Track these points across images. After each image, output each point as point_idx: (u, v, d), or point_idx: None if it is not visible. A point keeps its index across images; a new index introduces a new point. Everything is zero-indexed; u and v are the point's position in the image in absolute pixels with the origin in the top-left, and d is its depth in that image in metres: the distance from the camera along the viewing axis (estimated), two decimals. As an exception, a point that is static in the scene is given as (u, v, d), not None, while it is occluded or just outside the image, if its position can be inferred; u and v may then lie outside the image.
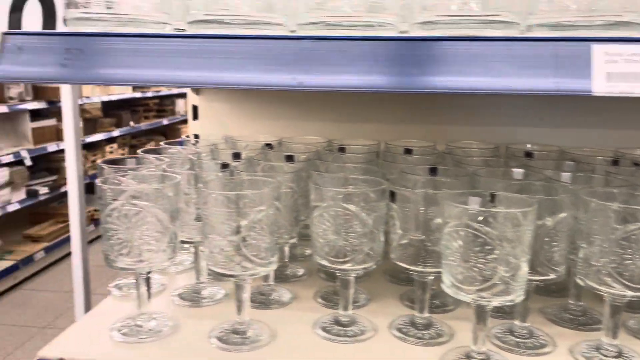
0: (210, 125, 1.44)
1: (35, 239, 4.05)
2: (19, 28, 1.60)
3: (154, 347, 0.84)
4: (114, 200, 0.81)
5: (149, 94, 5.51)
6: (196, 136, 1.39)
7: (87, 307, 1.65)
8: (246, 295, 0.85)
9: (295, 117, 1.46)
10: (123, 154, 5.01)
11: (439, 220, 0.80)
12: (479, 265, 0.73)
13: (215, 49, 0.67)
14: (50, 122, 4.21)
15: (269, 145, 1.25)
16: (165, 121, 5.86)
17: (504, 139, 1.34)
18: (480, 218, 0.72)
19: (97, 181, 0.84)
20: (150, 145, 5.54)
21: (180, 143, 1.34)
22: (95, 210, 4.46)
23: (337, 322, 0.90)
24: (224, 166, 1.01)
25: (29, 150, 3.93)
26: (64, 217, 4.35)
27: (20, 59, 0.70)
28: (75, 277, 1.63)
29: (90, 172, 4.35)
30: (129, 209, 0.81)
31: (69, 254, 4.74)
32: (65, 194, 4.47)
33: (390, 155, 1.18)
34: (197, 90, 1.42)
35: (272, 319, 0.93)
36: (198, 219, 0.96)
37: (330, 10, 0.73)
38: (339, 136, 1.36)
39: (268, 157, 1.12)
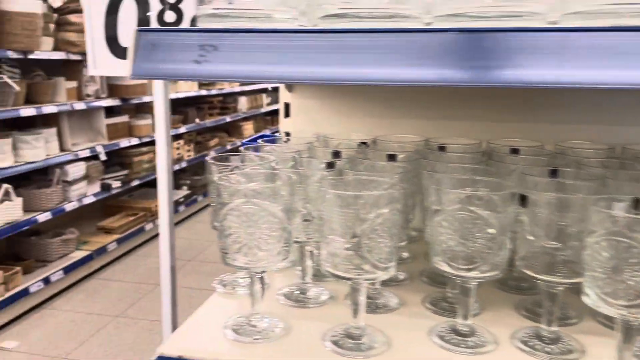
0: (302, 122, 1.42)
1: (108, 231, 4.23)
2: (116, 29, 1.65)
3: (269, 349, 0.83)
4: (232, 198, 0.81)
5: (213, 92, 5.63)
6: (287, 133, 1.37)
7: (174, 299, 1.69)
8: (362, 299, 0.82)
9: (386, 115, 1.42)
10: (189, 150, 5.14)
11: (579, 228, 0.74)
12: (633, 279, 0.66)
13: (353, 44, 0.64)
14: (123, 118, 4.38)
15: (364, 144, 1.22)
16: (228, 118, 5.97)
17: (610, 139, 1.24)
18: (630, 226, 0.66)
19: (215, 179, 0.84)
20: (214, 142, 5.68)
21: (273, 140, 1.33)
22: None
23: (455, 331, 0.85)
24: (330, 165, 0.99)
25: (104, 146, 4.11)
26: (134, 210, 4.52)
27: (154, 56, 0.70)
28: (162, 270, 1.67)
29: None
30: (247, 207, 0.80)
31: (138, 246, 4.91)
32: (134, 188, 4.65)
33: (497, 155, 1.12)
34: (289, 87, 1.41)
35: (381, 324, 0.89)
36: (305, 219, 0.94)
37: (468, 1, 0.69)
38: (430, 134, 1.31)
39: (367, 156, 1.09)
